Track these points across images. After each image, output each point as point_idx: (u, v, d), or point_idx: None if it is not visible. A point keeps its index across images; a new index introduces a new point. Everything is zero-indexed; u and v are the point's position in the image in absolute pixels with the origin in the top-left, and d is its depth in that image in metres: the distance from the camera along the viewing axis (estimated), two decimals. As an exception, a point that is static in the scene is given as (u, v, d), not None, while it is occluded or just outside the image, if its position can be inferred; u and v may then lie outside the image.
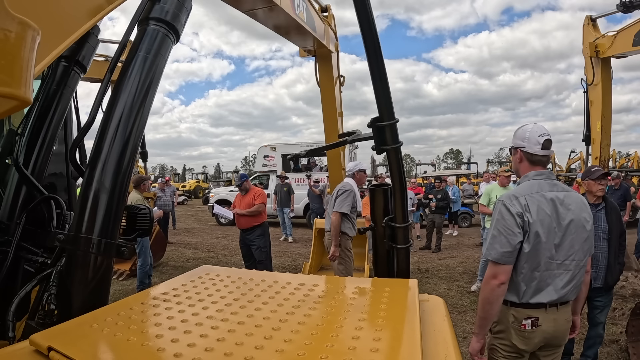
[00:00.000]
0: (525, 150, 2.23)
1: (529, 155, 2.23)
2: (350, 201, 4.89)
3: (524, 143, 2.23)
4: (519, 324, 2.15)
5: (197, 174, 48.52)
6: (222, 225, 15.34)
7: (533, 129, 2.24)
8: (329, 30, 5.62)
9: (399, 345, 0.81)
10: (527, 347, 2.19)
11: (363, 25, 1.51)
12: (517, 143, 2.28)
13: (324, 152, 7.10)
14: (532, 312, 2.14)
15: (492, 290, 2.09)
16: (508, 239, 2.07)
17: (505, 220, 2.09)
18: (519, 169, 2.32)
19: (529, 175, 2.23)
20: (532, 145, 2.21)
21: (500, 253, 2.07)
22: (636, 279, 6.40)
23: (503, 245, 2.07)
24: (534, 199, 2.10)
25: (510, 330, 2.18)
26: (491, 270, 2.12)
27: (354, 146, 13.47)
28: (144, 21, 1.36)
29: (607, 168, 6.77)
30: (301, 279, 1.25)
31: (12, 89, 0.69)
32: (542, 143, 2.19)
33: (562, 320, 2.20)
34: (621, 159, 31.80)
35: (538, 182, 2.18)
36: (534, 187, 2.17)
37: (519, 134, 2.27)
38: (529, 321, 2.14)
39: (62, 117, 1.76)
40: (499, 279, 2.08)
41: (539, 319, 2.13)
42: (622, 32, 5.92)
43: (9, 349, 0.88)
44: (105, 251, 1.19)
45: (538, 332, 2.15)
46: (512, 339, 2.18)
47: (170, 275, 7.21)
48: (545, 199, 2.12)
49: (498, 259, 2.07)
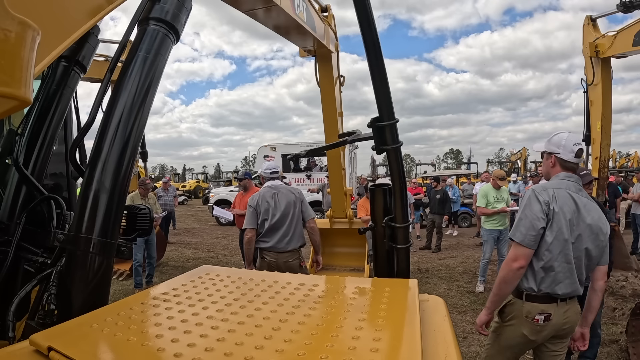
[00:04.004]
0: (560, 156, 2.40)
1: (562, 161, 2.41)
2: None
3: (559, 150, 2.40)
4: (531, 319, 2.30)
5: (197, 174, 48.51)
6: (222, 225, 15.34)
7: (569, 138, 2.41)
8: (329, 30, 5.62)
9: (399, 345, 0.81)
10: (537, 338, 2.34)
11: (363, 25, 1.51)
12: (552, 149, 2.44)
13: (324, 152, 7.10)
14: (545, 307, 2.29)
15: (512, 271, 2.26)
16: (533, 223, 2.22)
17: (532, 206, 2.25)
18: (551, 173, 2.48)
19: (560, 175, 2.40)
20: (567, 152, 2.38)
21: (524, 235, 2.23)
22: (636, 279, 6.40)
23: (528, 229, 2.23)
24: (561, 193, 2.28)
25: (523, 323, 2.32)
26: (514, 252, 2.27)
27: (354, 146, 13.48)
28: (144, 21, 1.36)
29: (607, 168, 6.76)
30: (301, 279, 1.25)
31: (12, 89, 0.69)
32: (576, 152, 2.38)
33: (571, 313, 2.35)
34: (621, 159, 31.81)
35: (567, 182, 2.36)
36: (562, 184, 2.34)
37: (555, 141, 2.44)
38: (542, 316, 2.28)
39: (62, 117, 1.75)
40: (519, 262, 2.24)
41: (551, 314, 2.28)
42: (622, 32, 5.91)
43: (9, 349, 0.88)
44: (105, 251, 1.19)
45: (549, 325, 2.30)
46: (523, 330, 2.33)
47: (170, 275, 7.21)
48: (570, 197, 2.29)
49: (522, 241, 2.23)
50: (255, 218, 4.29)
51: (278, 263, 4.28)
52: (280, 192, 4.36)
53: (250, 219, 4.30)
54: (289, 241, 4.27)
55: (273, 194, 4.35)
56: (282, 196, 4.33)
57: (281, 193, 4.36)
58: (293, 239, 4.30)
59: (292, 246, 4.28)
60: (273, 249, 4.30)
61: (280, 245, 4.27)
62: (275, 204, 4.31)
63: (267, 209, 4.31)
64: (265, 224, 4.31)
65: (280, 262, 4.28)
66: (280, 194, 4.35)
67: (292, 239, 4.29)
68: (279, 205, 4.29)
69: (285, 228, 4.28)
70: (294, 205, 4.30)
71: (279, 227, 4.28)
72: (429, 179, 19.64)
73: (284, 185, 4.46)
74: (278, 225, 4.28)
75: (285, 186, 4.46)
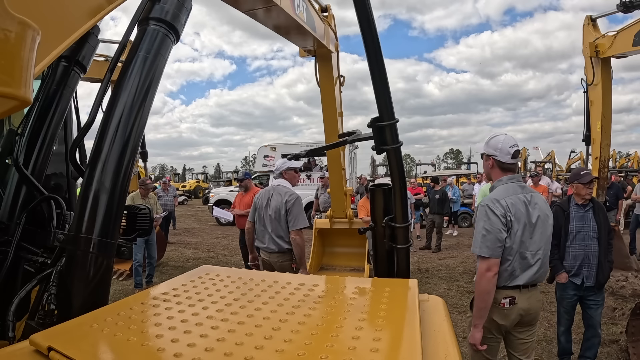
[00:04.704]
0: (498, 159, 2.56)
1: (500, 163, 2.57)
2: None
3: (496, 152, 2.56)
4: (498, 304, 2.51)
5: (197, 174, 48.48)
6: (222, 225, 15.34)
7: (505, 140, 2.56)
8: (329, 30, 5.62)
9: (399, 345, 0.81)
10: (505, 323, 2.55)
11: (363, 25, 1.51)
12: (489, 151, 2.60)
13: (324, 152, 7.09)
14: (509, 292, 2.51)
15: (489, 281, 2.42)
16: (497, 236, 2.41)
17: (491, 221, 2.43)
18: (491, 174, 2.67)
19: (503, 179, 2.58)
20: (504, 155, 2.54)
21: (492, 249, 2.41)
22: (636, 279, 6.40)
23: (493, 242, 2.41)
24: (512, 201, 2.46)
25: (492, 310, 2.50)
26: (485, 265, 2.43)
27: (354, 146, 13.46)
28: (144, 21, 1.36)
29: (607, 168, 6.75)
30: (301, 279, 1.25)
31: (12, 89, 0.69)
32: (512, 153, 2.53)
33: (534, 299, 2.57)
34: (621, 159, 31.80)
35: (512, 185, 2.54)
36: (509, 190, 2.52)
37: (492, 144, 2.58)
38: (507, 300, 2.51)
39: (62, 117, 1.75)
40: (492, 271, 2.41)
41: (515, 297, 2.51)
42: (622, 32, 5.91)
43: (9, 349, 0.88)
44: (105, 251, 1.19)
45: (515, 309, 2.52)
46: (493, 316, 2.52)
47: (170, 275, 7.21)
48: (520, 201, 2.49)
49: (491, 254, 2.41)
50: (254, 213, 4.46)
51: (271, 262, 4.31)
52: (275, 193, 4.31)
53: (251, 212, 4.52)
54: (276, 243, 4.24)
55: (269, 194, 4.35)
56: (274, 198, 4.29)
57: (276, 194, 4.30)
58: (280, 242, 4.24)
59: (279, 248, 4.24)
60: (265, 249, 4.34)
61: (270, 245, 4.27)
62: (268, 204, 4.30)
63: (260, 208, 4.36)
64: (258, 223, 4.39)
65: (272, 261, 4.30)
66: (275, 194, 4.30)
67: (279, 241, 4.23)
68: (269, 206, 4.28)
69: (272, 230, 4.25)
70: (279, 209, 4.21)
71: (267, 228, 4.28)
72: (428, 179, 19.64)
73: (284, 187, 4.35)
74: (266, 226, 4.28)
75: (284, 188, 4.34)
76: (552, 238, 3.85)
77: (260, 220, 4.35)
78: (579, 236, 3.67)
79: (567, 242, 3.73)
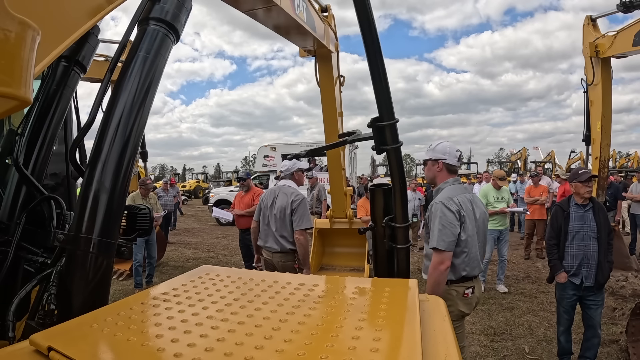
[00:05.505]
0: (447, 162, 2.84)
1: (449, 165, 2.85)
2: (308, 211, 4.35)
3: (445, 156, 2.84)
4: (462, 295, 2.76)
5: (197, 174, 48.48)
6: (222, 225, 15.34)
7: (451, 146, 2.88)
8: (329, 30, 5.61)
9: (399, 345, 0.81)
10: (469, 310, 2.85)
11: (363, 25, 1.51)
12: (437, 156, 2.86)
13: (324, 152, 7.09)
14: (468, 283, 2.78)
15: (441, 274, 2.62)
16: (452, 231, 2.62)
17: (447, 217, 2.63)
18: (437, 177, 2.89)
19: (449, 181, 2.84)
20: (452, 157, 2.84)
21: (447, 243, 2.61)
22: (636, 279, 6.40)
23: (449, 236, 2.61)
24: (461, 199, 2.72)
25: (456, 301, 2.74)
26: (438, 258, 2.62)
27: (354, 146, 13.48)
28: (144, 21, 1.35)
29: (607, 168, 6.75)
30: (301, 279, 1.25)
31: (12, 89, 0.68)
32: (458, 157, 2.88)
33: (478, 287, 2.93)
34: (621, 159, 31.81)
35: (458, 186, 2.85)
36: (457, 190, 2.80)
37: (440, 149, 2.87)
38: (470, 290, 2.79)
39: (62, 117, 1.75)
40: (445, 264, 2.62)
41: (475, 287, 2.81)
42: (622, 32, 5.90)
43: (9, 349, 0.88)
44: (105, 251, 1.19)
45: (474, 297, 2.83)
46: (458, 307, 2.76)
47: (170, 275, 7.21)
48: (466, 199, 2.77)
49: (447, 248, 2.61)
50: (259, 213, 4.47)
51: (273, 261, 4.33)
52: (281, 193, 4.34)
53: (256, 211, 4.57)
54: (279, 242, 4.25)
55: (275, 194, 4.36)
56: (280, 197, 4.31)
57: (282, 194, 4.33)
58: (283, 241, 4.25)
59: (282, 248, 4.25)
60: (267, 249, 4.35)
61: (273, 245, 4.28)
62: (273, 203, 4.32)
63: (266, 208, 4.38)
64: (262, 222, 4.39)
65: (275, 261, 4.31)
66: (281, 194, 4.33)
67: (282, 241, 4.25)
68: (274, 206, 4.29)
69: (276, 229, 4.27)
70: (285, 209, 4.24)
71: (271, 227, 4.30)
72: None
73: (290, 187, 4.36)
74: (270, 225, 4.30)
75: (290, 188, 4.35)
76: (552, 238, 3.90)
77: (264, 219, 4.38)
78: (578, 236, 3.68)
79: (566, 241, 3.73)
